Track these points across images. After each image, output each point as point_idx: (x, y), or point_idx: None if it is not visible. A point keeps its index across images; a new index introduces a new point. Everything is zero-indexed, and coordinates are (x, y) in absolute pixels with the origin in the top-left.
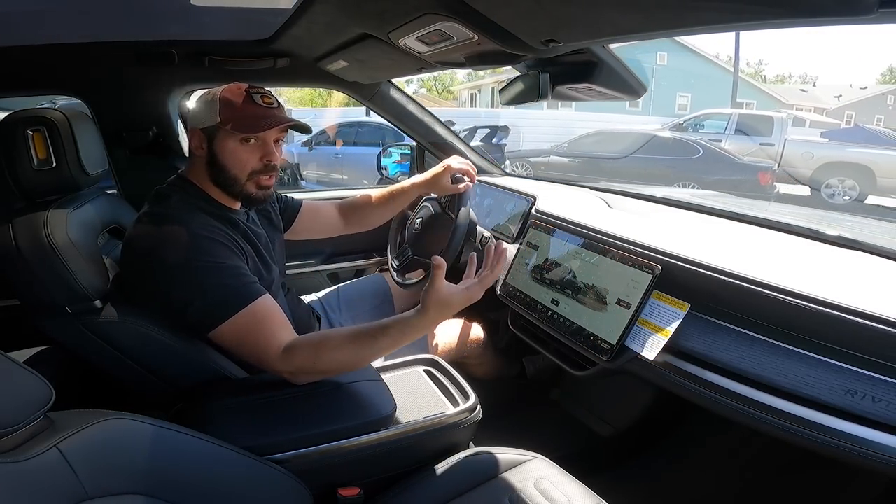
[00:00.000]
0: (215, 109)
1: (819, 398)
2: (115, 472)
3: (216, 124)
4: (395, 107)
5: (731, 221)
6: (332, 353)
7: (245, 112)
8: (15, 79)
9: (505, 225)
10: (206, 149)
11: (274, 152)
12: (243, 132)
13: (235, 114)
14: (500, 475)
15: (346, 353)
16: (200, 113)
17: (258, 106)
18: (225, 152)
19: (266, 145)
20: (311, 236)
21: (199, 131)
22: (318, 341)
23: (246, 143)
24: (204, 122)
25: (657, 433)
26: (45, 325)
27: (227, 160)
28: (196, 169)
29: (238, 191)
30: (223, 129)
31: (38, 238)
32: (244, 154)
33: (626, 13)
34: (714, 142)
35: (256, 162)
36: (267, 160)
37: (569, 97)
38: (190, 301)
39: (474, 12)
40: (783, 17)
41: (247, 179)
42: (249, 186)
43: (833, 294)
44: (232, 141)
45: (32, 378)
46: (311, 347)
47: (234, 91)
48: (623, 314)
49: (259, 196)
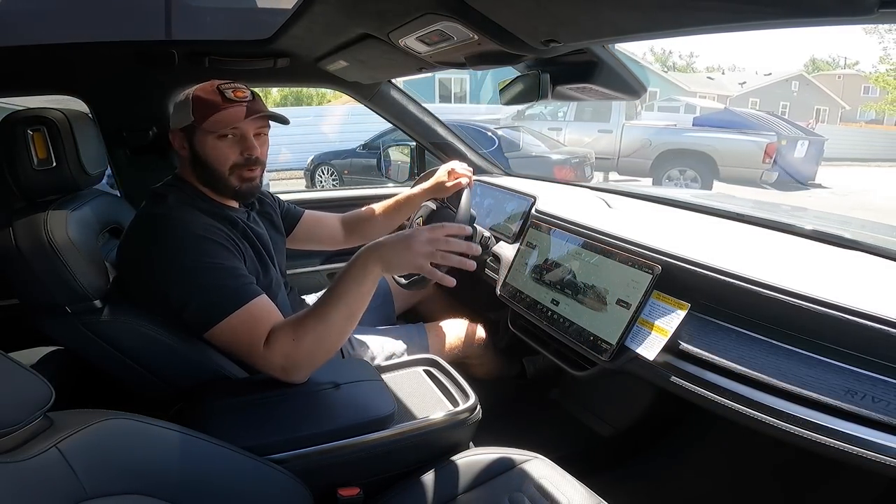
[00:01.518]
0: (189, 109)
1: (819, 398)
2: (114, 471)
3: (192, 123)
4: (395, 107)
5: (731, 221)
6: (305, 323)
7: (217, 108)
8: (15, 79)
9: (505, 225)
10: (188, 148)
11: (254, 145)
12: (214, 129)
13: (208, 111)
14: (500, 475)
15: (315, 319)
16: (177, 114)
17: (230, 101)
18: (205, 150)
19: (245, 139)
20: (310, 246)
21: (178, 132)
22: (292, 320)
23: (224, 139)
24: (182, 123)
25: (657, 433)
26: (45, 325)
27: (209, 157)
28: (185, 169)
29: (223, 186)
30: (199, 127)
31: (38, 238)
32: (224, 149)
33: (626, 13)
34: (554, 130)
35: (237, 156)
36: (248, 154)
37: (569, 97)
38: (187, 301)
39: (474, 12)
40: (783, 17)
41: (229, 174)
42: (233, 181)
43: (833, 294)
44: (210, 138)
45: (32, 378)
46: (288, 328)
47: (207, 89)
48: (623, 314)
49: (245, 189)
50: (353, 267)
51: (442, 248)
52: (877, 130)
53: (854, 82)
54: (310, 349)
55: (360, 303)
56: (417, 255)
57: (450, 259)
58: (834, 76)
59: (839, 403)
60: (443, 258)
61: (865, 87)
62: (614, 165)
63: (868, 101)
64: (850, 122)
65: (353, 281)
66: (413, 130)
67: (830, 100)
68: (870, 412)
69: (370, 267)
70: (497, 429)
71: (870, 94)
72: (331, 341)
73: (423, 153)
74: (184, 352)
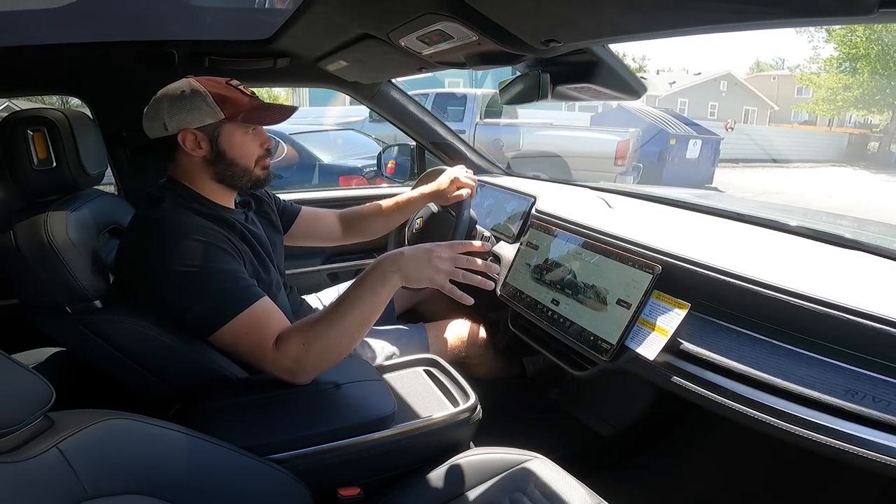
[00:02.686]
0: (212, 106)
1: (819, 398)
2: (115, 471)
3: (219, 121)
4: (396, 107)
5: (731, 221)
6: (316, 328)
7: (247, 104)
8: (15, 79)
9: (505, 225)
10: (209, 147)
11: (268, 136)
12: (256, 123)
13: (240, 107)
14: (500, 475)
15: (327, 324)
16: (189, 112)
17: (249, 96)
18: (233, 146)
19: (261, 132)
20: (308, 243)
21: (193, 131)
22: (302, 324)
23: (247, 134)
24: (202, 121)
25: (657, 433)
26: (46, 325)
27: (237, 153)
28: (188, 170)
29: (248, 179)
30: (229, 123)
31: (38, 238)
32: (249, 143)
33: (626, 13)
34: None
35: (258, 149)
36: (267, 146)
37: (569, 97)
38: (188, 306)
39: (474, 12)
40: (783, 17)
41: (254, 166)
42: (257, 171)
43: (833, 294)
44: (238, 133)
45: (33, 378)
46: (298, 331)
47: (217, 84)
48: (623, 314)
49: (265, 176)
50: (371, 275)
51: (462, 266)
52: (807, 131)
53: (789, 83)
54: (319, 353)
55: (374, 311)
56: (438, 272)
57: (472, 279)
58: (769, 77)
59: (839, 403)
60: (464, 277)
61: (799, 89)
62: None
63: (800, 102)
64: (781, 123)
65: (369, 289)
66: (413, 130)
67: (760, 101)
68: (870, 412)
69: (389, 277)
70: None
71: (803, 94)
72: (341, 347)
73: (424, 153)
74: (184, 352)
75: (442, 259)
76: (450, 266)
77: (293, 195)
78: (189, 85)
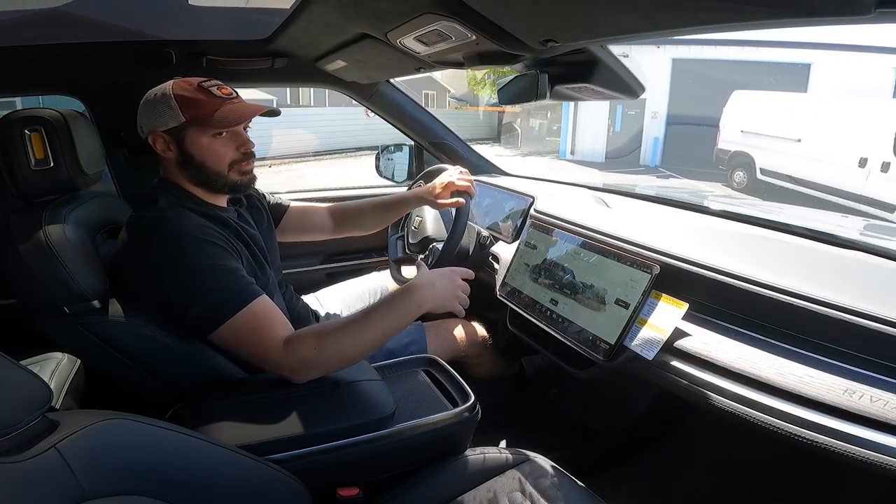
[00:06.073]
0: (174, 109)
1: (818, 398)
2: (114, 472)
3: (181, 124)
4: (394, 107)
5: (730, 221)
6: (332, 336)
7: (211, 106)
8: (14, 79)
9: (504, 225)
10: (176, 150)
11: (248, 140)
12: (217, 128)
13: (202, 110)
14: (500, 475)
15: (344, 335)
16: (156, 115)
17: (220, 98)
18: (200, 150)
19: (239, 135)
20: (299, 237)
21: (161, 134)
22: (319, 328)
23: (219, 137)
24: (166, 124)
25: (655, 433)
26: (44, 326)
27: (205, 157)
28: (171, 171)
29: (223, 183)
30: (192, 127)
31: (36, 238)
32: (220, 148)
33: (624, 13)
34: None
35: (234, 153)
36: (244, 149)
37: (568, 97)
38: (188, 305)
39: (473, 12)
40: (782, 17)
41: (228, 170)
42: (232, 175)
43: (833, 294)
44: (204, 137)
45: (32, 378)
46: (312, 336)
47: (186, 87)
48: (622, 314)
49: (244, 181)
50: (403, 299)
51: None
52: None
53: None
54: (329, 360)
55: (395, 331)
56: (455, 298)
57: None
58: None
59: (838, 403)
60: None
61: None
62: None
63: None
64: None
65: (398, 312)
66: (411, 130)
67: (438, 85)
68: (869, 412)
69: (422, 303)
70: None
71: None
72: (351, 358)
73: (422, 153)
74: (183, 352)
75: (457, 286)
76: (461, 293)
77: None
78: (162, 88)
